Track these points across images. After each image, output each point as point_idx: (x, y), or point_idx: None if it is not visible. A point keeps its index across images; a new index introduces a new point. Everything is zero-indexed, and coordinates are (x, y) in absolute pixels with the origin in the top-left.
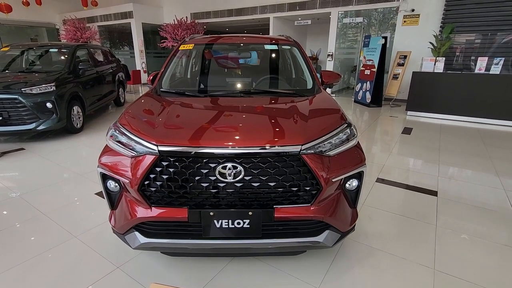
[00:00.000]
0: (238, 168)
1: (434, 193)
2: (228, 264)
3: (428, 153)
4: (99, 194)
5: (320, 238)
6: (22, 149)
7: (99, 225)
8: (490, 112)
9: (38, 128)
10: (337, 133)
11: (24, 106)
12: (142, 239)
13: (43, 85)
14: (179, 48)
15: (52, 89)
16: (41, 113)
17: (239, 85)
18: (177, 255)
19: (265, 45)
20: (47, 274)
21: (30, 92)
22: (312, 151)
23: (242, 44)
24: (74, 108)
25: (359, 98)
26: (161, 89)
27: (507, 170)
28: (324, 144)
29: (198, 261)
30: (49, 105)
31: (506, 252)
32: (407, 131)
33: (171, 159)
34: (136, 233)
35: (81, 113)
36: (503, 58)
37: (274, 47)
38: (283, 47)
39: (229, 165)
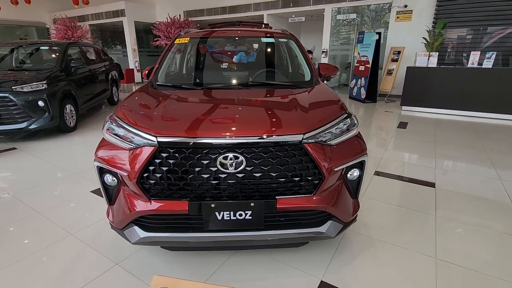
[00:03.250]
0: (240, 158)
1: (432, 184)
2: (230, 258)
3: (424, 146)
4: (95, 192)
5: (323, 228)
6: (14, 148)
7: (95, 223)
8: (483, 106)
9: (30, 127)
10: (338, 122)
11: (15, 104)
12: (141, 233)
13: (35, 83)
14: (174, 42)
15: (43, 87)
16: (32, 111)
17: (237, 78)
18: (178, 249)
19: (262, 38)
20: (45, 272)
21: (21, 90)
22: (314, 140)
23: (238, 38)
24: (67, 106)
25: (354, 94)
26: (157, 83)
27: (502, 161)
28: (325, 134)
29: (199, 255)
30: (41, 103)
31: (505, 240)
32: (402, 125)
33: (171, 150)
34: (135, 227)
35: (74, 112)
36: (495, 52)
37: (271, 40)
38: (279, 40)
39: (230, 155)
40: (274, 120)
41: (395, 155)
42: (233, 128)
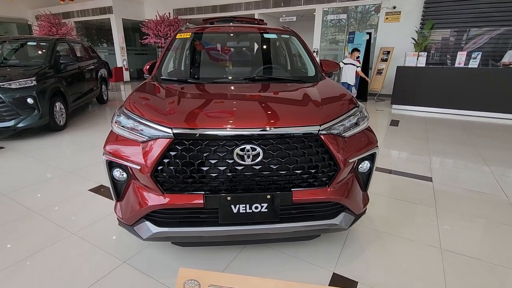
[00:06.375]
0: (257, 150)
1: (429, 179)
2: (240, 253)
3: (418, 142)
4: (93, 190)
5: (336, 220)
6: (2, 147)
7: (97, 221)
8: (470, 104)
9: (18, 126)
10: (351, 115)
11: (2, 102)
12: (154, 228)
13: (23, 80)
14: (176, 37)
15: (32, 84)
16: (21, 109)
17: (244, 72)
18: (189, 245)
19: (267, 34)
20: (51, 271)
21: (9, 87)
22: (330, 132)
23: (243, 33)
24: (57, 104)
25: None
26: (162, 77)
27: (492, 156)
28: (339, 126)
29: (208, 251)
30: (30, 100)
31: (504, 230)
32: (394, 123)
33: (187, 143)
34: (147, 223)
35: (63, 110)
36: (481, 53)
37: (276, 36)
38: (282, 36)
39: (248, 147)
40: (290, 112)
41: (391, 151)
42: (248, 120)
